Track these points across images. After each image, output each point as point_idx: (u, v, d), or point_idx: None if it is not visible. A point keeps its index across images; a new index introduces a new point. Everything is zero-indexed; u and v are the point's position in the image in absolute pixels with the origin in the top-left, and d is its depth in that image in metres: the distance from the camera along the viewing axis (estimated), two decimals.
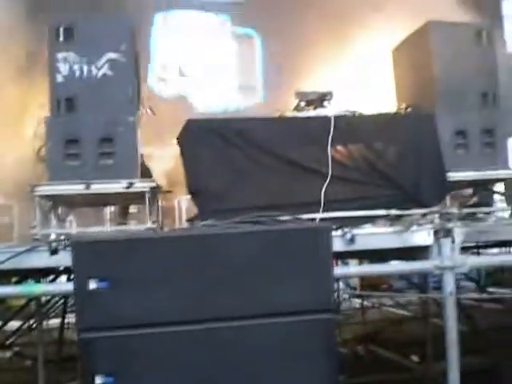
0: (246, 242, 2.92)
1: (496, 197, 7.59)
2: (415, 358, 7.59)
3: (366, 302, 10.08)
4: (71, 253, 2.83)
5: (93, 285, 2.77)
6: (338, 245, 4.38)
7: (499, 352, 6.83)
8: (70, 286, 3.14)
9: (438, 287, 5.06)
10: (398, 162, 5.73)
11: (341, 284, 10.61)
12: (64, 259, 4.02)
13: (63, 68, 5.86)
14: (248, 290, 2.89)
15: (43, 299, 7.01)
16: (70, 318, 7.72)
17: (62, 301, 7.72)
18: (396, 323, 9.63)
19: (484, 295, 9.37)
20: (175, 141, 5.76)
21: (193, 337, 2.87)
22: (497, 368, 6.34)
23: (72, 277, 2.97)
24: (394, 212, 5.49)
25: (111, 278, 2.79)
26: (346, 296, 11.46)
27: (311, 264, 2.92)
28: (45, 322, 7.59)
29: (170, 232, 3.77)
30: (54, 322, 8.40)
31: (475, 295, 10.30)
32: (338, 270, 3.48)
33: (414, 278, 9.47)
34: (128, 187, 5.66)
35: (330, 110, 6.01)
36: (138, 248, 2.85)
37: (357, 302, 10.97)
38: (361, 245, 4.59)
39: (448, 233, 4.62)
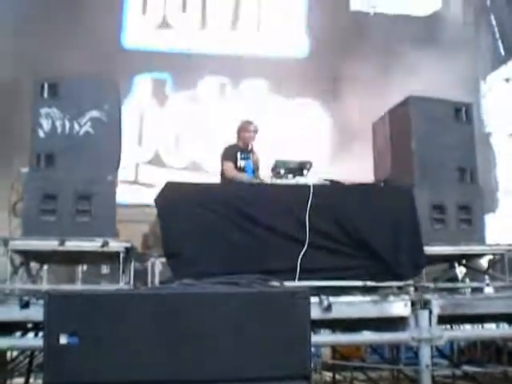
0: (222, 303, 2.86)
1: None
2: None
3: (337, 376, 9.89)
4: (44, 305, 2.75)
5: (63, 340, 2.69)
6: (314, 312, 4.33)
7: None
8: (37, 342, 3.02)
9: (410, 363, 5.01)
10: (376, 234, 5.72)
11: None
12: (34, 314, 3.93)
13: (45, 124, 5.87)
14: (221, 353, 2.82)
15: (8, 357, 6.83)
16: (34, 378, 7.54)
17: (27, 360, 7.50)
18: None
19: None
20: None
21: None
22: None
23: (42, 332, 2.88)
24: (370, 283, 5.45)
25: (82, 334, 2.71)
26: (317, 368, 11.28)
27: (288, 328, 2.86)
28: (8, 381, 7.39)
29: (144, 289, 3.70)
30: (18, 381, 8.15)
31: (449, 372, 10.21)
32: (313, 337, 3.40)
33: (385, 353, 9.39)
34: (103, 246, 5.60)
35: (308, 178, 6.02)
36: (110, 304, 2.78)
37: (328, 375, 10.77)
38: (337, 313, 4.55)
39: (425, 304, 4.61)
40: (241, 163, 7.28)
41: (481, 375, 9.90)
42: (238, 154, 7.29)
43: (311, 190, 5.64)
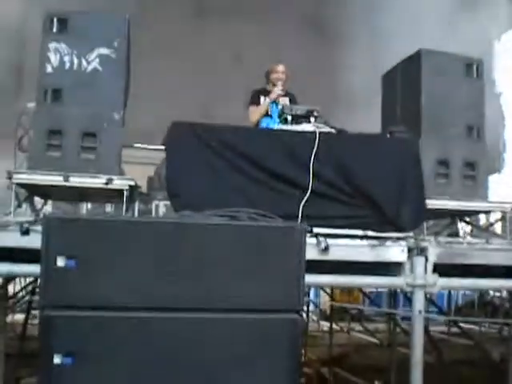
0: (219, 235, 2.89)
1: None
2: None
3: (334, 326, 10.03)
4: (42, 228, 2.78)
5: (61, 262, 2.73)
6: (311, 253, 4.38)
7: None
8: (37, 269, 3.05)
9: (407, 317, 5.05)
10: (379, 184, 5.72)
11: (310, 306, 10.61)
12: (35, 241, 3.95)
13: (54, 59, 5.84)
14: (215, 283, 2.85)
15: (10, 291, 6.92)
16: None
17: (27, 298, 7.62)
18: (363, 349, 9.63)
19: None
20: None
21: (155, 324, 2.82)
22: None
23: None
24: (370, 233, 5.47)
25: (80, 257, 2.74)
26: (315, 318, 11.45)
27: (283, 262, 2.90)
28: (10, 317, 7.50)
29: (144, 217, 3.73)
30: (19, 317, 8.29)
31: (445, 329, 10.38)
32: (310, 277, 3.45)
33: (383, 305, 9.52)
34: (107, 183, 5.62)
35: (315, 126, 5.99)
36: (109, 229, 2.81)
37: (325, 325, 10.93)
38: (334, 255, 4.59)
39: (422, 251, 4.64)
40: None
41: (476, 333, 10.06)
42: (262, 98, 7.22)
43: (317, 138, 5.62)
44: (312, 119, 6.06)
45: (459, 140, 6.71)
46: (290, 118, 6.10)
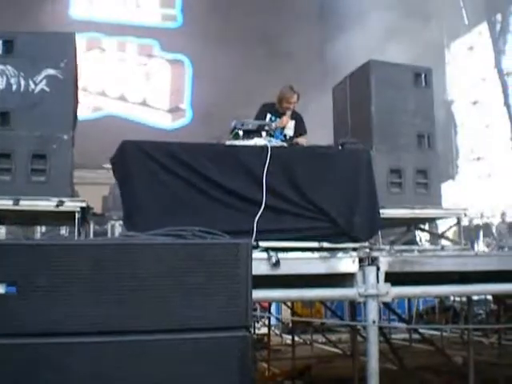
0: (162, 254, 2.84)
1: None
2: None
3: (297, 338, 10.03)
4: None
5: (0, 289, 2.67)
6: (262, 268, 4.36)
7: None
8: None
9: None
10: (332, 196, 5.73)
11: (272, 320, 10.59)
12: None
13: (0, 81, 5.77)
14: (159, 304, 2.81)
15: None
16: None
17: None
18: (326, 360, 9.64)
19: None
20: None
21: (100, 349, 2.75)
22: None
23: None
24: (325, 245, 5.47)
25: (20, 284, 2.68)
26: (277, 332, 11.42)
27: (229, 279, 2.87)
28: None
29: (85, 240, 3.67)
30: None
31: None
32: (260, 293, 3.44)
33: (345, 314, 9.54)
34: (58, 205, 5.55)
35: (267, 140, 5.99)
36: (49, 254, 2.75)
37: (288, 338, 10.92)
38: (285, 269, 4.57)
39: (373, 261, 4.65)
40: None
41: (438, 339, 10.14)
42: (269, 114, 7.15)
43: (269, 152, 5.61)
44: (263, 133, 6.06)
45: (410, 149, 6.81)
46: (241, 133, 6.09)
